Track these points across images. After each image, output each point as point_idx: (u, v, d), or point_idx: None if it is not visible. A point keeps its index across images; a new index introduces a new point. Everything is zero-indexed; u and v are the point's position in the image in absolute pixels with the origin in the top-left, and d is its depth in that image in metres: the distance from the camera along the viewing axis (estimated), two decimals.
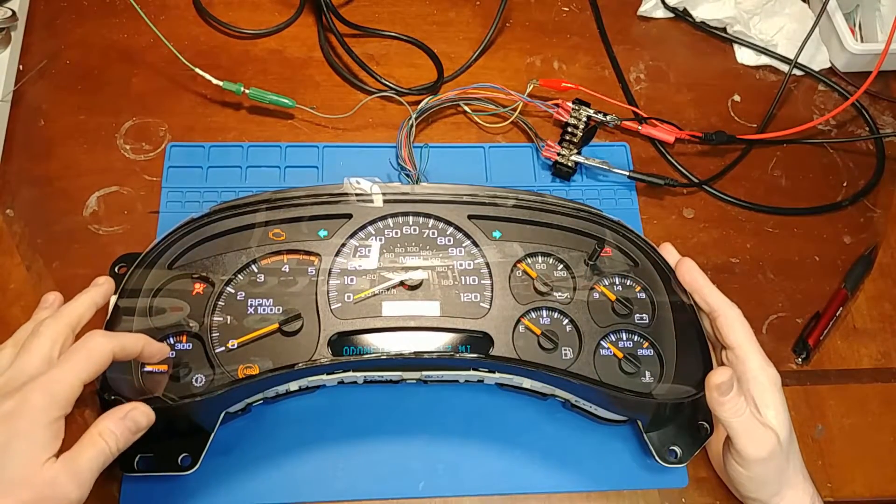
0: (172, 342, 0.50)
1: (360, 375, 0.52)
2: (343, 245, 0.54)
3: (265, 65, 0.68)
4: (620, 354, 0.52)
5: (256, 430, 0.52)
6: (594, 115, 0.66)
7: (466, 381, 0.54)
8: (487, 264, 0.54)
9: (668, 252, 0.54)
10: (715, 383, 0.45)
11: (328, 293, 0.52)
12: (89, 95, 0.65)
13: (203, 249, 0.53)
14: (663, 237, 0.62)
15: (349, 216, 0.55)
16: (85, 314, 0.46)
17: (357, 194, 0.56)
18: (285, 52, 0.69)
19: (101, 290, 0.48)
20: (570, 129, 0.65)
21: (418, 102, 0.65)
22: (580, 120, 0.65)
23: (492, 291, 0.53)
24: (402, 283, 0.53)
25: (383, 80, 0.67)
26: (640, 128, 0.67)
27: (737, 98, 0.71)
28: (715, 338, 0.51)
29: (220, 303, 0.51)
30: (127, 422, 0.42)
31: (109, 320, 0.49)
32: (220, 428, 0.49)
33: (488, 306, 0.53)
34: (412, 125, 0.63)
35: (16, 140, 0.62)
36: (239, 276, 0.52)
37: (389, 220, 0.56)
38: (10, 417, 0.39)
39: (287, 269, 0.53)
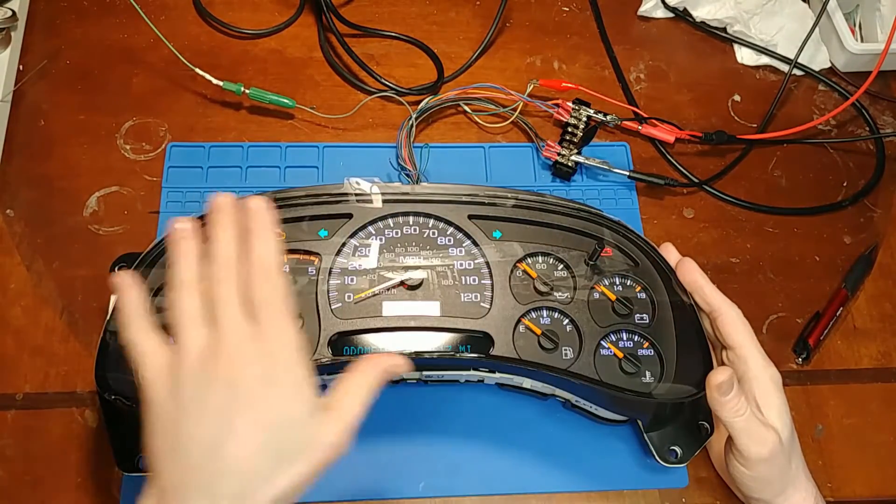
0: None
1: None
2: (343, 245, 0.54)
3: (265, 65, 0.68)
4: (621, 354, 0.52)
5: None
6: (594, 115, 0.66)
7: (467, 381, 0.54)
8: (487, 264, 0.54)
9: (669, 252, 0.54)
10: (715, 383, 0.45)
11: (328, 293, 0.52)
12: (89, 95, 0.65)
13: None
14: (663, 237, 0.63)
15: (349, 216, 0.55)
16: (279, 250, 0.40)
17: (357, 194, 0.56)
18: (285, 52, 0.69)
19: (270, 215, 0.41)
20: (570, 129, 0.65)
21: (418, 102, 0.65)
22: (580, 120, 0.65)
23: (492, 291, 0.53)
24: (402, 283, 0.53)
25: (383, 80, 0.67)
26: (640, 128, 0.67)
27: (737, 98, 0.71)
28: (715, 338, 0.51)
29: None
30: (386, 374, 0.41)
31: (110, 320, 0.49)
32: None
33: (488, 306, 0.53)
34: (412, 125, 0.63)
35: (16, 140, 0.62)
36: None
37: (389, 220, 0.55)
38: (277, 383, 0.37)
39: (287, 269, 0.53)
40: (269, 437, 0.36)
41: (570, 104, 0.66)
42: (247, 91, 0.63)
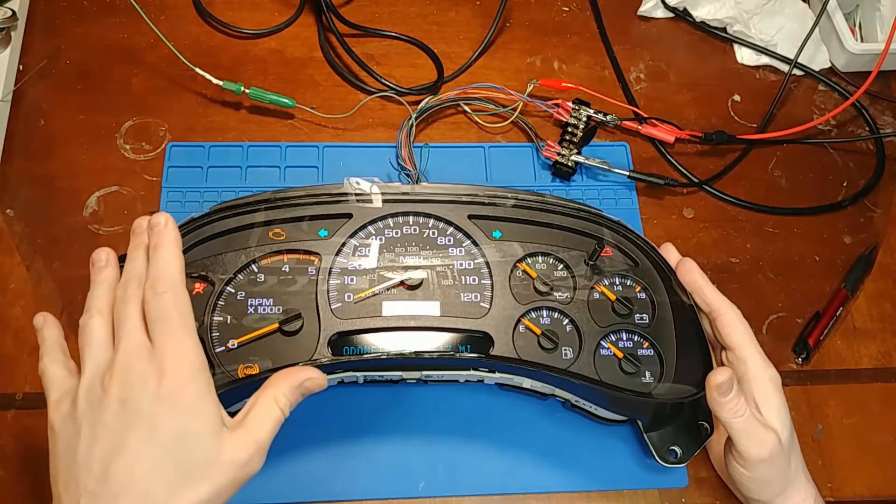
0: None
1: (360, 375, 0.52)
2: (343, 245, 0.54)
3: (265, 65, 0.68)
4: (620, 354, 0.52)
5: None
6: (594, 115, 0.66)
7: (466, 381, 0.54)
8: (487, 264, 0.54)
9: (669, 252, 0.54)
10: (715, 383, 0.45)
11: (328, 293, 0.52)
12: (89, 95, 0.65)
13: (203, 249, 0.53)
14: (663, 237, 0.63)
15: (349, 216, 0.55)
16: (182, 262, 0.40)
17: (357, 194, 0.56)
18: (285, 52, 0.69)
19: (174, 232, 0.41)
20: (570, 129, 0.65)
21: (418, 102, 0.65)
22: (580, 120, 0.65)
23: (492, 291, 0.53)
24: (402, 283, 0.53)
25: (383, 80, 0.67)
26: (640, 128, 0.67)
27: (737, 98, 0.71)
28: (714, 338, 0.51)
29: (220, 302, 0.51)
30: (301, 389, 0.40)
31: None
32: None
33: (488, 306, 0.53)
34: (412, 125, 0.63)
35: (16, 140, 0.62)
36: (239, 275, 0.52)
37: (389, 220, 0.55)
38: (172, 400, 0.36)
39: (287, 269, 0.53)
40: (166, 455, 0.36)
41: (570, 104, 0.66)
42: (247, 91, 0.63)
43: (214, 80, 0.63)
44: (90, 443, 0.36)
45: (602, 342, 0.52)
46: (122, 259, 0.53)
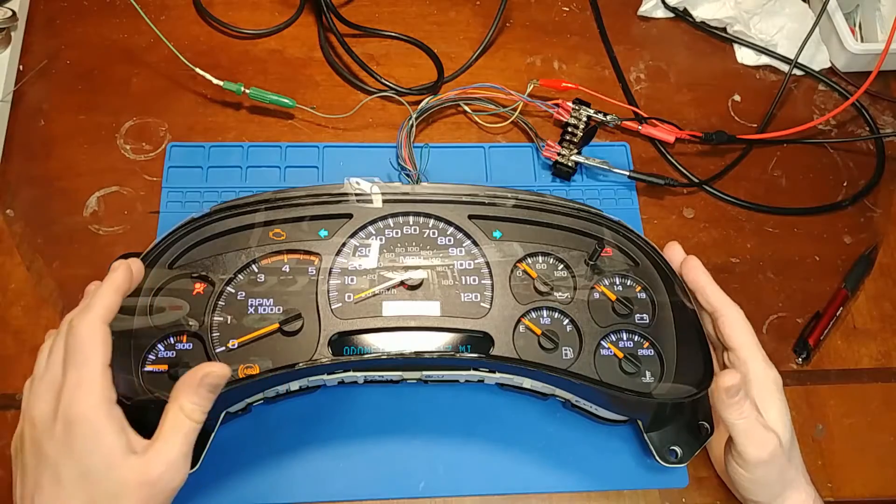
0: (173, 342, 0.50)
1: (360, 375, 0.52)
2: (343, 245, 0.54)
3: (265, 65, 0.68)
4: (621, 354, 0.52)
5: (256, 430, 0.52)
6: (594, 115, 0.66)
7: (467, 381, 0.54)
8: (488, 264, 0.54)
9: (675, 251, 0.54)
10: (725, 386, 0.45)
11: (328, 293, 0.52)
12: (89, 95, 0.65)
13: (203, 249, 0.53)
14: (663, 237, 0.63)
15: (349, 216, 0.55)
16: (114, 302, 0.43)
17: (357, 194, 0.56)
18: (285, 52, 0.69)
19: (120, 275, 0.44)
20: (570, 129, 0.65)
21: (418, 102, 0.65)
22: (580, 120, 0.65)
23: (492, 291, 0.53)
24: (402, 283, 0.53)
25: (383, 80, 0.67)
26: (640, 128, 0.67)
27: (737, 98, 0.71)
28: (716, 338, 0.51)
29: (220, 302, 0.51)
30: (204, 388, 0.41)
31: None
32: (220, 428, 0.48)
33: (489, 306, 0.53)
34: (412, 125, 0.63)
35: (16, 140, 0.62)
36: (239, 275, 0.52)
37: (390, 220, 0.56)
38: (67, 444, 0.38)
39: (287, 269, 0.53)
40: (74, 493, 0.38)
41: (570, 104, 0.66)
42: (247, 91, 0.63)
43: (214, 80, 0.63)
44: (21, 484, 0.39)
45: (602, 342, 0.52)
46: (129, 258, 0.53)
